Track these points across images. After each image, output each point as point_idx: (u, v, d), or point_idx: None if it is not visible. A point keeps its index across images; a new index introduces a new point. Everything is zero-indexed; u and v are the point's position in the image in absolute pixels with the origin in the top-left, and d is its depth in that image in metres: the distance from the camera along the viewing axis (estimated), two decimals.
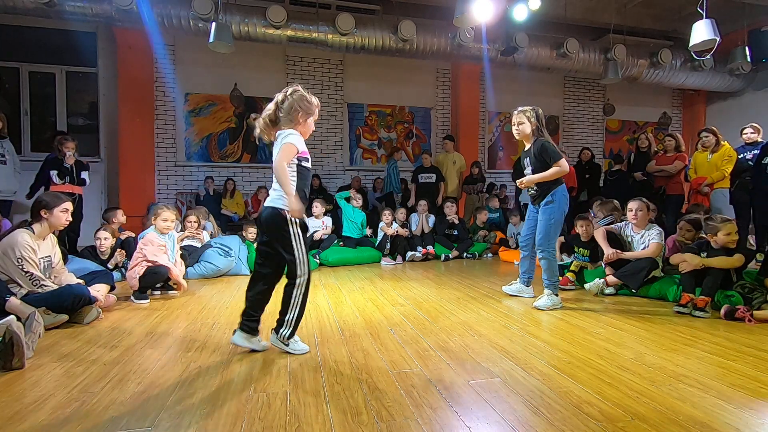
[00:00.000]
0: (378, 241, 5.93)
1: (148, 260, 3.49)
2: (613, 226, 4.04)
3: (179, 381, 1.89)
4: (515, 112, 3.37)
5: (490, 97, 9.15)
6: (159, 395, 1.75)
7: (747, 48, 7.22)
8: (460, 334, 2.56)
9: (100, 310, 2.92)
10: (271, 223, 2.16)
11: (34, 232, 2.78)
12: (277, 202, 2.15)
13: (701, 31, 5.10)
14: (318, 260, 5.30)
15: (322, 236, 5.59)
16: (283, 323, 2.19)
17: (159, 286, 3.63)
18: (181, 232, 4.80)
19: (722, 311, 2.93)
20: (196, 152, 8.04)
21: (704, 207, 4.91)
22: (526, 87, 9.01)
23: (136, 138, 7.38)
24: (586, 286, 3.75)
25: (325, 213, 6.01)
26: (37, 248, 2.77)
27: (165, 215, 3.67)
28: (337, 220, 6.35)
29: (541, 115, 3.34)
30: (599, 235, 3.89)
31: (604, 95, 10.11)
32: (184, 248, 4.49)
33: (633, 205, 3.79)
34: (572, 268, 4.09)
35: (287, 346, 2.21)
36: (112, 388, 1.81)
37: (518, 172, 4.15)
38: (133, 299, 3.40)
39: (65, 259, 3.28)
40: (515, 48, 7.20)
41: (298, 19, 6.64)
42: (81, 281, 2.99)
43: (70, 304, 2.69)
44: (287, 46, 7.34)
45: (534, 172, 3.31)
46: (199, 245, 4.78)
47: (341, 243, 5.87)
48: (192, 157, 8.02)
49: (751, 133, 5.08)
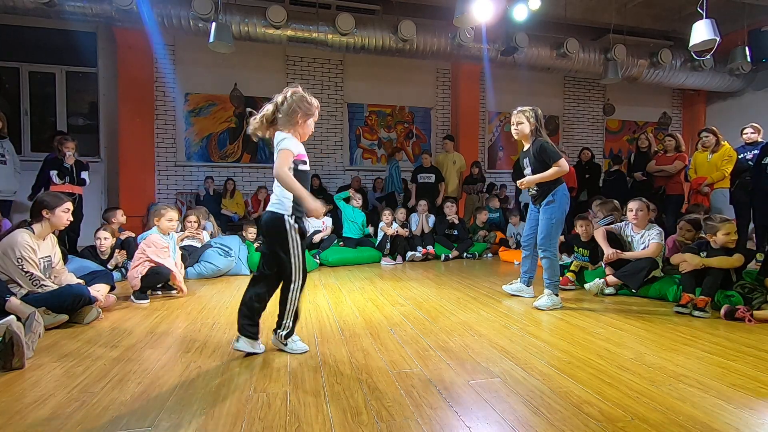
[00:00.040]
0: (378, 241, 5.93)
1: (151, 261, 3.49)
2: (613, 226, 4.04)
3: (179, 381, 1.89)
4: (514, 111, 3.38)
5: (490, 97, 9.15)
6: (159, 395, 1.75)
7: (747, 48, 7.22)
8: (460, 334, 2.56)
9: (100, 310, 2.92)
10: (270, 228, 2.17)
11: (34, 232, 2.79)
12: (277, 207, 2.15)
13: (701, 31, 5.10)
14: (318, 260, 5.31)
15: (321, 237, 5.59)
16: (281, 325, 2.22)
17: (159, 286, 3.63)
18: (181, 232, 4.80)
19: (722, 311, 2.93)
20: (196, 152, 8.04)
21: (704, 207, 4.91)
22: (526, 87, 9.02)
23: (136, 138, 7.38)
24: (586, 286, 3.75)
25: (326, 213, 6.00)
26: (37, 248, 2.77)
27: (171, 215, 3.68)
28: (337, 220, 6.35)
29: (540, 115, 3.35)
30: (599, 235, 3.89)
31: (604, 95, 10.11)
32: (184, 248, 4.49)
33: (633, 205, 3.79)
34: (572, 268, 4.10)
35: (286, 346, 2.23)
36: (112, 388, 1.81)
37: (518, 172, 4.16)
38: (133, 299, 3.39)
39: (65, 259, 3.28)
40: (515, 48, 7.21)
41: (298, 19, 6.64)
42: (81, 281, 2.99)
43: (70, 304, 2.69)
44: (287, 46, 7.34)
45: (533, 172, 3.32)
46: (199, 245, 4.78)
47: (341, 243, 5.87)
48: (192, 157, 8.03)
49: (752, 133, 5.08)
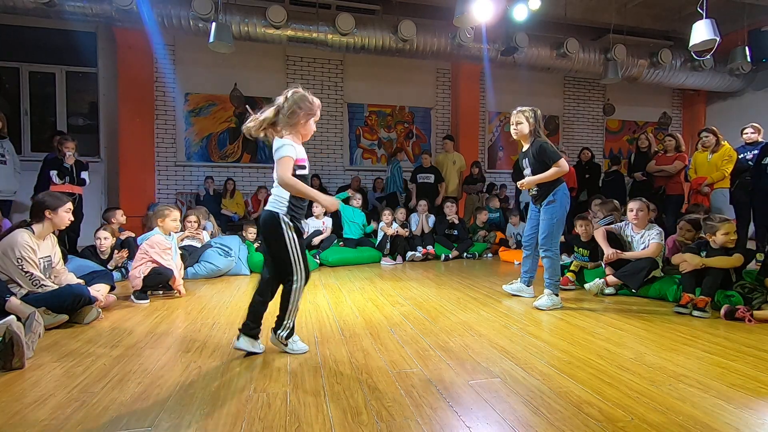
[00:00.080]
0: (378, 241, 5.93)
1: (153, 261, 3.49)
2: (612, 226, 4.04)
3: (179, 381, 1.89)
4: (514, 111, 3.39)
5: (490, 97, 9.14)
6: (159, 395, 1.75)
7: (747, 48, 7.22)
8: (460, 334, 2.56)
9: (100, 310, 2.92)
10: (266, 226, 2.17)
11: (34, 232, 2.79)
12: (272, 206, 2.15)
13: (701, 31, 5.10)
14: (318, 260, 5.31)
15: (321, 239, 5.57)
16: (282, 325, 2.20)
17: (160, 286, 3.63)
18: (181, 232, 4.80)
19: (722, 311, 2.93)
20: (196, 152, 8.04)
21: (704, 207, 4.90)
22: (526, 87, 9.01)
23: (136, 138, 7.38)
24: (586, 286, 3.75)
25: (326, 213, 6.01)
26: (37, 248, 2.77)
27: (175, 215, 3.68)
28: (337, 221, 6.35)
29: (540, 116, 3.35)
30: (599, 235, 3.89)
31: (604, 95, 10.10)
32: (184, 248, 4.49)
33: (633, 205, 3.79)
34: (572, 268, 4.09)
35: (286, 346, 2.23)
36: (112, 388, 1.81)
37: (518, 172, 4.15)
38: (133, 299, 3.39)
39: (65, 259, 3.28)
40: (515, 48, 7.20)
41: (298, 19, 6.64)
42: (81, 281, 2.99)
43: (70, 304, 2.69)
44: (287, 46, 7.34)
45: (533, 172, 3.32)
46: (199, 245, 4.78)
47: (341, 243, 5.87)
48: (192, 157, 8.02)
49: (752, 133, 5.08)
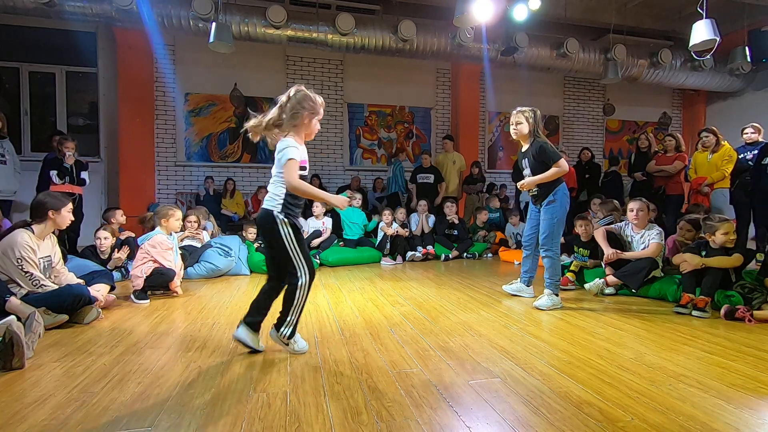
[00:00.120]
0: (378, 241, 5.93)
1: (155, 261, 3.49)
2: (613, 226, 4.04)
3: (179, 381, 1.89)
4: (514, 111, 3.39)
5: (490, 97, 9.14)
6: (159, 395, 1.75)
7: (747, 48, 7.22)
8: (460, 334, 2.56)
9: (100, 310, 2.92)
10: (263, 225, 2.17)
11: (34, 233, 2.79)
12: (267, 204, 2.15)
13: (701, 31, 5.10)
14: (318, 260, 5.30)
15: (320, 242, 5.56)
16: (284, 323, 2.17)
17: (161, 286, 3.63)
18: (181, 232, 4.80)
19: (722, 311, 2.93)
20: (196, 152, 8.04)
21: (704, 207, 4.90)
22: (526, 87, 9.01)
23: (136, 138, 7.38)
24: (586, 286, 3.75)
25: (326, 213, 6.01)
26: (37, 248, 2.77)
27: (179, 215, 3.70)
28: (337, 221, 6.34)
29: (539, 116, 3.36)
30: (599, 235, 3.89)
31: (604, 95, 10.10)
32: (184, 248, 4.49)
33: (634, 205, 3.78)
34: (572, 268, 4.09)
35: (287, 345, 2.21)
36: (112, 388, 1.81)
37: (518, 172, 4.16)
38: (133, 299, 3.39)
39: (65, 259, 3.28)
40: (515, 48, 7.20)
41: (298, 19, 6.64)
42: (81, 281, 3.00)
43: (70, 304, 2.69)
44: (287, 46, 7.34)
45: (533, 172, 3.32)
46: (199, 245, 4.78)
47: (341, 243, 5.87)
48: (192, 157, 8.02)
49: (752, 133, 5.07)
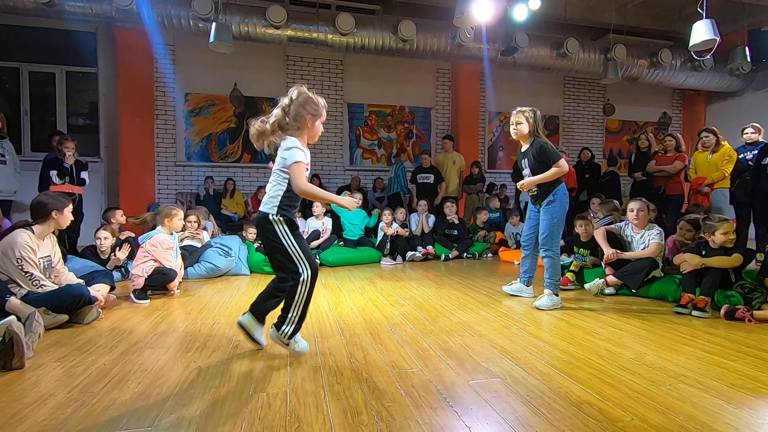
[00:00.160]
0: (378, 241, 5.93)
1: (156, 260, 3.49)
2: (612, 226, 4.04)
3: (179, 381, 1.89)
4: (514, 111, 3.39)
5: (490, 97, 9.14)
6: (159, 395, 1.75)
7: (747, 48, 7.22)
8: (460, 334, 2.56)
9: (100, 310, 2.92)
10: (260, 226, 2.17)
11: (34, 233, 2.79)
12: (263, 206, 2.15)
13: (701, 31, 5.10)
14: (318, 260, 5.30)
15: (320, 243, 5.56)
16: (285, 321, 2.14)
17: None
18: (181, 232, 4.80)
19: (722, 311, 2.93)
20: (196, 152, 8.04)
21: (704, 207, 4.91)
22: (526, 87, 9.02)
23: (136, 138, 7.38)
24: (586, 286, 3.75)
25: (326, 213, 6.01)
26: (37, 248, 2.77)
27: (182, 214, 3.71)
28: (337, 221, 6.34)
29: (539, 116, 3.36)
30: (599, 235, 3.89)
31: (604, 95, 10.10)
32: (184, 248, 4.49)
33: (633, 205, 3.78)
34: (572, 268, 4.09)
35: (287, 345, 2.18)
36: (112, 388, 1.81)
37: (518, 172, 4.16)
38: (133, 298, 3.39)
39: (65, 259, 3.28)
40: (515, 48, 7.20)
41: (298, 19, 6.64)
42: (81, 281, 3.00)
43: (70, 304, 2.69)
44: (287, 46, 7.34)
45: (532, 172, 3.32)
46: (199, 245, 4.78)
47: (341, 243, 5.87)
48: (192, 157, 8.02)
49: (752, 133, 5.07)
